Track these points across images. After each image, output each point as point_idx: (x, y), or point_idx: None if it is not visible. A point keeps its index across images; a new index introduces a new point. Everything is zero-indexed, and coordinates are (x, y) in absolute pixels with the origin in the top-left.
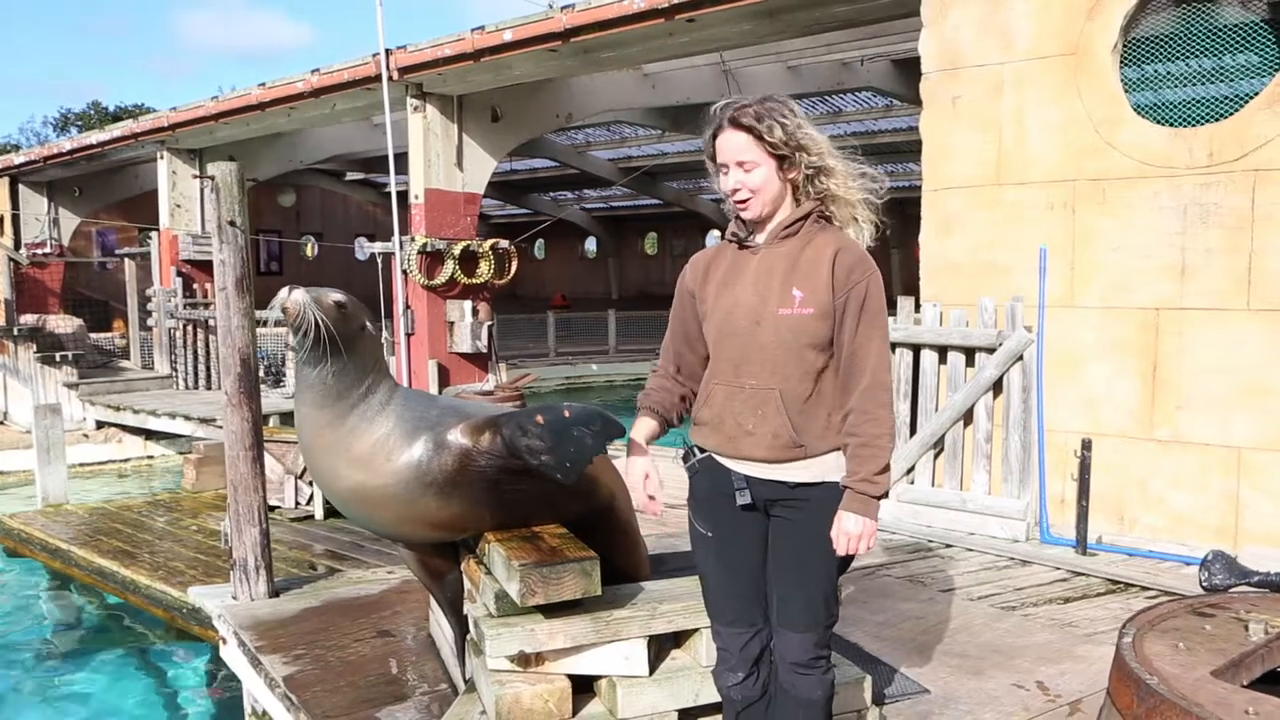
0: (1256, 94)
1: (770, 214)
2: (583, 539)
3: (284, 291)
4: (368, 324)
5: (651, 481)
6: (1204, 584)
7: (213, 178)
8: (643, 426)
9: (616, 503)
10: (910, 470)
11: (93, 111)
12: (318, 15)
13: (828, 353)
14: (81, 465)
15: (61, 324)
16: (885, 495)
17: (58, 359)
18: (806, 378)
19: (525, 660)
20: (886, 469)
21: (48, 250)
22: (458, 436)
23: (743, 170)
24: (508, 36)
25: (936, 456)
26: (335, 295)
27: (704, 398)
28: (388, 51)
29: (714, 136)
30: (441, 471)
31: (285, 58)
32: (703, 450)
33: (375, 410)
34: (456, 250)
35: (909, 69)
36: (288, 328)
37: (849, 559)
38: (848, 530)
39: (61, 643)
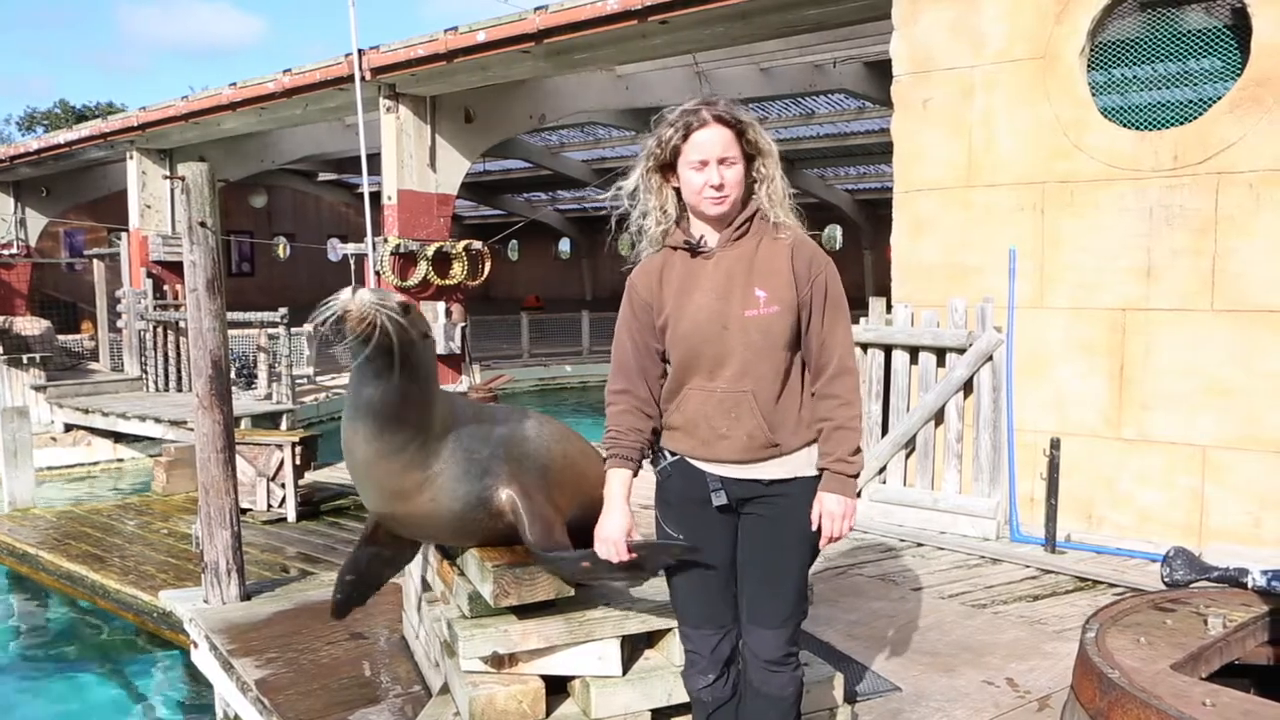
0: (1220, 98)
1: (734, 213)
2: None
3: (346, 292)
4: (429, 333)
5: (623, 543)
6: (1165, 580)
7: (183, 178)
8: (621, 480)
9: None
10: (882, 470)
11: (59, 110)
12: (268, 7)
13: (794, 349)
14: (50, 469)
15: (29, 325)
16: (858, 475)
17: (25, 361)
18: (777, 377)
19: (499, 661)
20: (860, 449)
21: (14, 251)
22: (501, 500)
23: (725, 166)
24: (481, 37)
25: (908, 456)
26: (398, 296)
27: (675, 403)
28: (360, 52)
29: (687, 134)
30: (475, 521)
31: (236, 52)
32: (674, 454)
33: (432, 443)
34: (430, 251)
35: (881, 71)
36: (349, 336)
37: (816, 554)
38: (831, 510)
39: (29, 649)
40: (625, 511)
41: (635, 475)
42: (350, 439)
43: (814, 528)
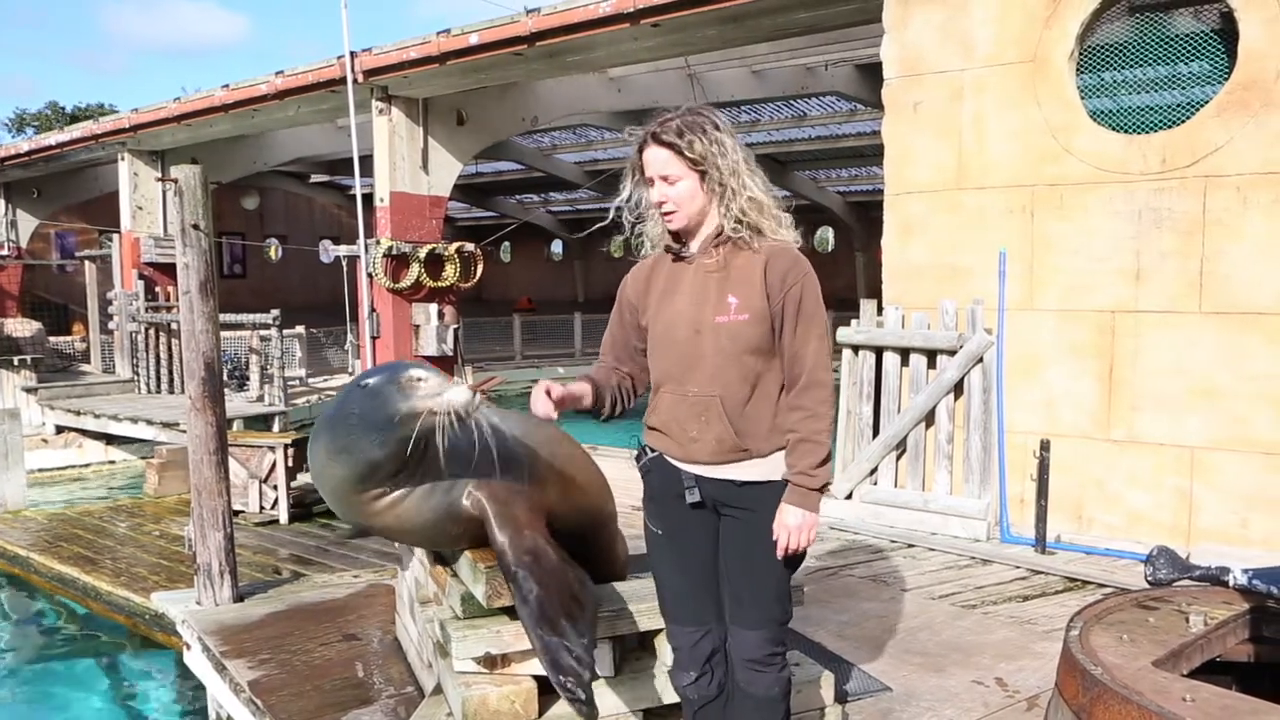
0: (1208, 102)
1: (697, 225)
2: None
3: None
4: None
5: (544, 396)
6: (1149, 578)
7: (175, 180)
8: (577, 383)
9: (608, 513)
10: (873, 471)
11: (49, 112)
12: (252, 5)
13: (767, 357)
14: (41, 471)
15: (20, 327)
16: (825, 488)
17: (16, 363)
18: (745, 383)
19: (491, 662)
20: (825, 461)
21: (5, 253)
22: (469, 509)
23: (667, 184)
24: (474, 40)
25: (899, 457)
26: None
27: (652, 405)
28: (353, 54)
29: (640, 152)
30: (446, 531)
31: (225, 51)
32: (654, 450)
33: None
34: (422, 253)
35: (872, 74)
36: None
37: (801, 556)
38: (787, 523)
39: (21, 651)
40: (570, 385)
41: (594, 399)
42: (324, 468)
43: (773, 538)
